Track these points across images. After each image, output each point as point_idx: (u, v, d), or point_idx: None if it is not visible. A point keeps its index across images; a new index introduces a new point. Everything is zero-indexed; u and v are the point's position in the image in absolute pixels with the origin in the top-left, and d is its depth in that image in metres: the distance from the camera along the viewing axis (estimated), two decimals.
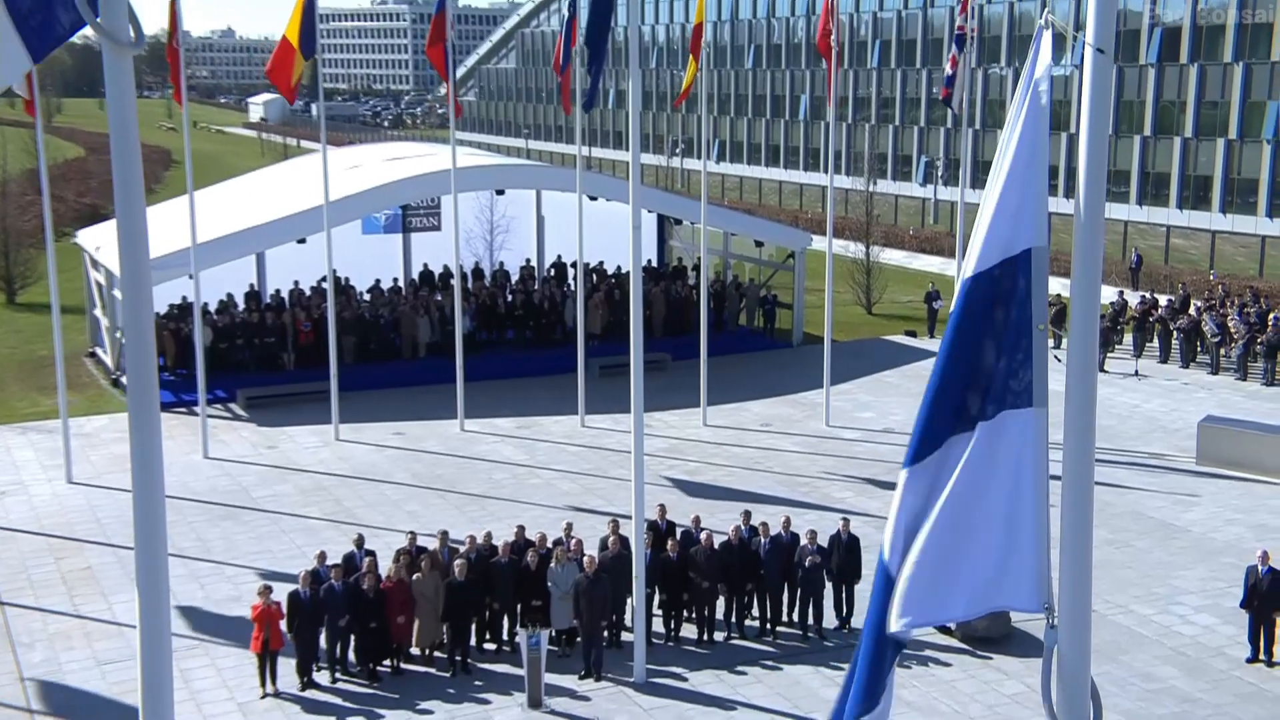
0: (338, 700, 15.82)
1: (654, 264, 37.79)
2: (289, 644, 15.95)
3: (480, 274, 35.77)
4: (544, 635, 15.56)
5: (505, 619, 17.10)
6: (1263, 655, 16.62)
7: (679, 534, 17.80)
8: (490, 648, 17.05)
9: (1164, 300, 35.87)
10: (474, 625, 16.81)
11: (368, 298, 33.73)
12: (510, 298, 34.01)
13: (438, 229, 34.97)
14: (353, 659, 16.37)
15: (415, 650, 16.68)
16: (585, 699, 15.82)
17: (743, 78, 75.57)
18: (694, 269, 36.85)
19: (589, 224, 28.09)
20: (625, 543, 17.14)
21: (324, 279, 29.65)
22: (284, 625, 15.85)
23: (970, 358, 4.83)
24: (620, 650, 16.85)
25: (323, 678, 16.19)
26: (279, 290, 33.11)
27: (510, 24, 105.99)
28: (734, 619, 17.55)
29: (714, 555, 17.18)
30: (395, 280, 34.88)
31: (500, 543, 17.23)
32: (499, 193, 35.07)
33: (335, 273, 27.63)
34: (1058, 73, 49.80)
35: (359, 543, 17.46)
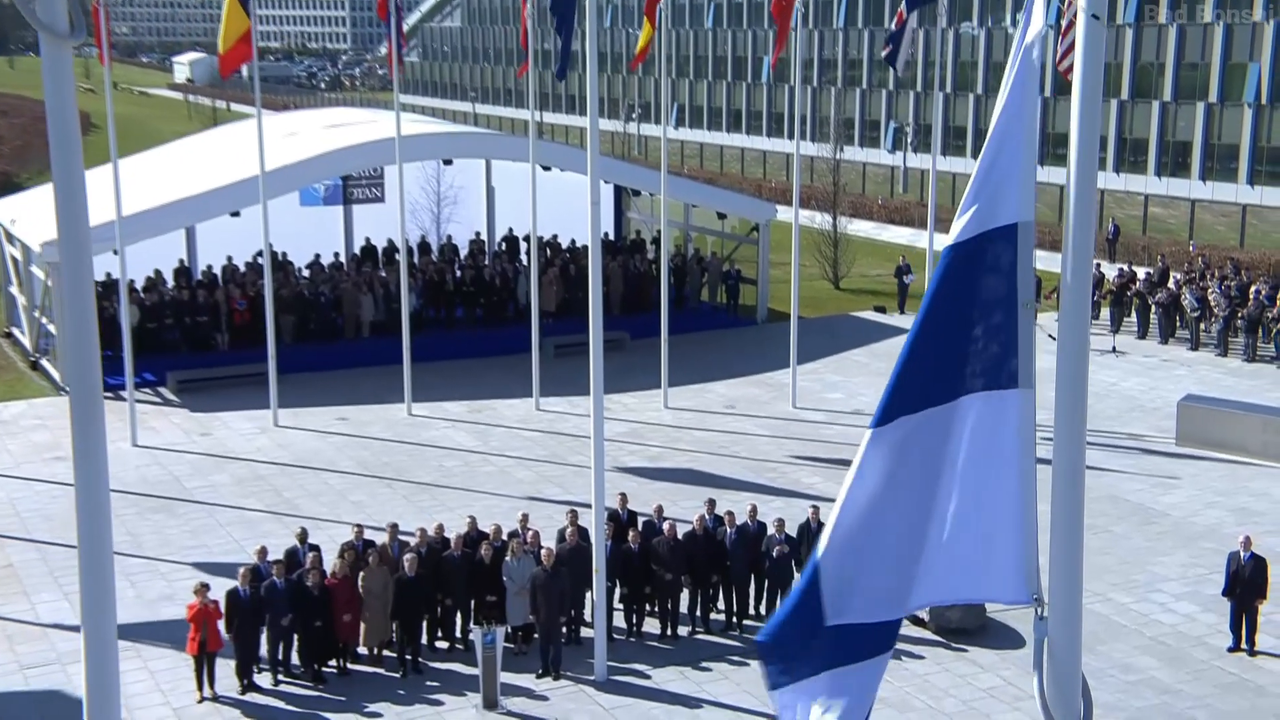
0: (280, 704, 15.79)
1: (611, 238, 37.79)
2: (228, 645, 15.89)
3: (427, 248, 35.61)
4: (499, 632, 15.62)
5: (458, 616, 17.14)
6: (1244, 644, 16.98)
7: (641, 524, 17.89)
8: (442, 646, 17.08)
9: (1142, 273, 36.36)
10: (425, 623, 16.83)
11: (307, 274, 33.51)
12: (459, 273, 33.91)
13: (381, 200, 34.75)
14: (296, 660, 16.35)
15: (363, 650, 16.67)
16: (543, 699, 15.90)
17: (702, 38, 75.48)
18: (653, 243, 36.91)
19: (542, 195, 28.02)
20: (584, 534, 17.22)
21: (260, 254, 29.43)
22: (222, 625, 15.79)
23: (950, 328, 4.79)
24: (580, 647, 16.93)
25: (264, 680, 16.15)
26: (211, 266, 32.81)
27: None
28: (699, 613, 17.68)
29: (678, 546, 17.29)
30: (336, 255, 34.66)
31: (452, 535, 17.25)
32: (446, 162, 34.89)
33: (272, 247, 27.40)
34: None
35: (302, 536, 17.41)
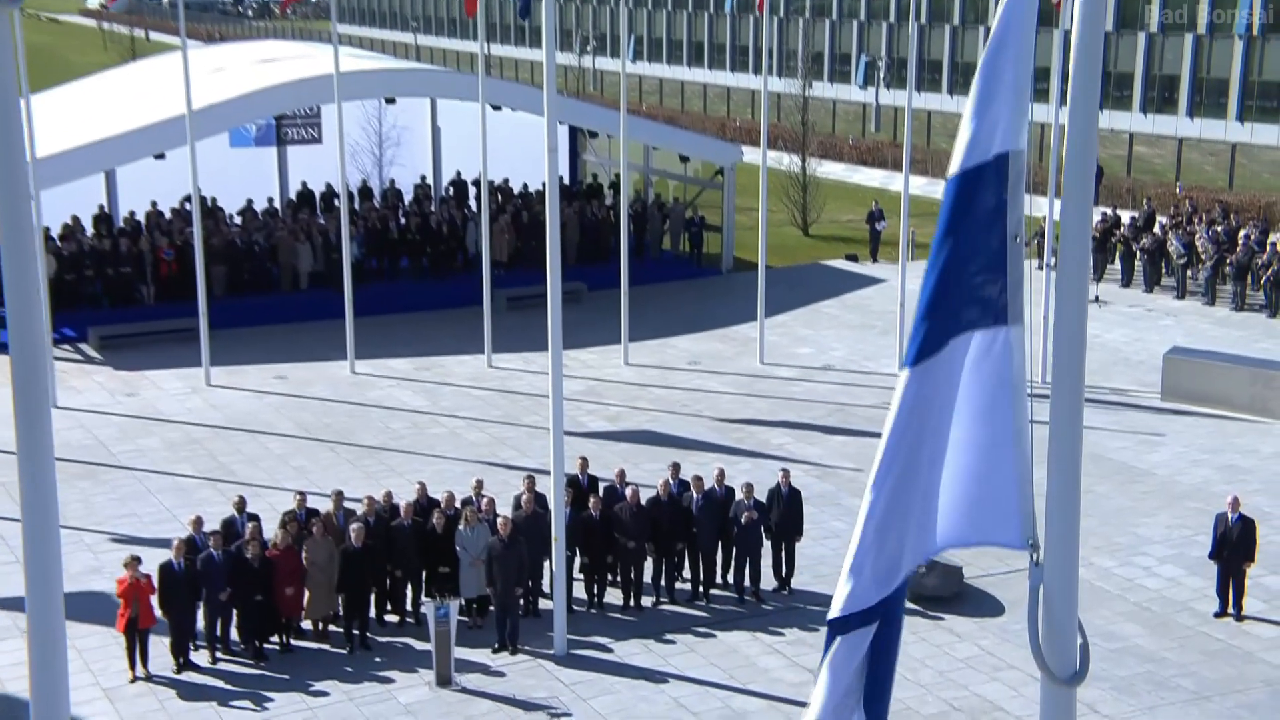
0: (219, 683, 15.77)
1: (566, 182, 37.57)
2: (161, 622, 15.82)
3: (369, 193, 35.27)
4: (453, 605, 15.66)
5: (409, 588, 17.15)
6: (1231, 609, 17.30)
7: (601, 490, 17.94)
8: (392, 620, 17.10)
9: (1126, 218, 36.64)
10: (373, 596, 16.82)
11: (239, 221, 33.15)
12: (404, 221, 33.63)
13: (318, 141, 34.34)
14: (235, 636, 16.32)
15: (306, 625, 16.68)
16: (500, 674, 15.97)
17: None
18: (611, 187, 36.74)
19: (492, 136, 27.80)
20: (542, 500, 17.24)
21: (187, 200, 29.01)
22: (155, 600, 15.71)
23: (951, 263, 4.83)
24: (538, 620, 17.01)
25: (201, 658, 16.12)
26: (134, 213, 32.40)
27: None
28: (663, 582, 17.77)
29: (640, 512, 17.35)
30: (270, 201, 34.27)
31: (402, 503, 17.22)
32: (389, 101, 34.49)
33: (200, 192, 27.10)
34: None
35: (240, 505, 17.33)
